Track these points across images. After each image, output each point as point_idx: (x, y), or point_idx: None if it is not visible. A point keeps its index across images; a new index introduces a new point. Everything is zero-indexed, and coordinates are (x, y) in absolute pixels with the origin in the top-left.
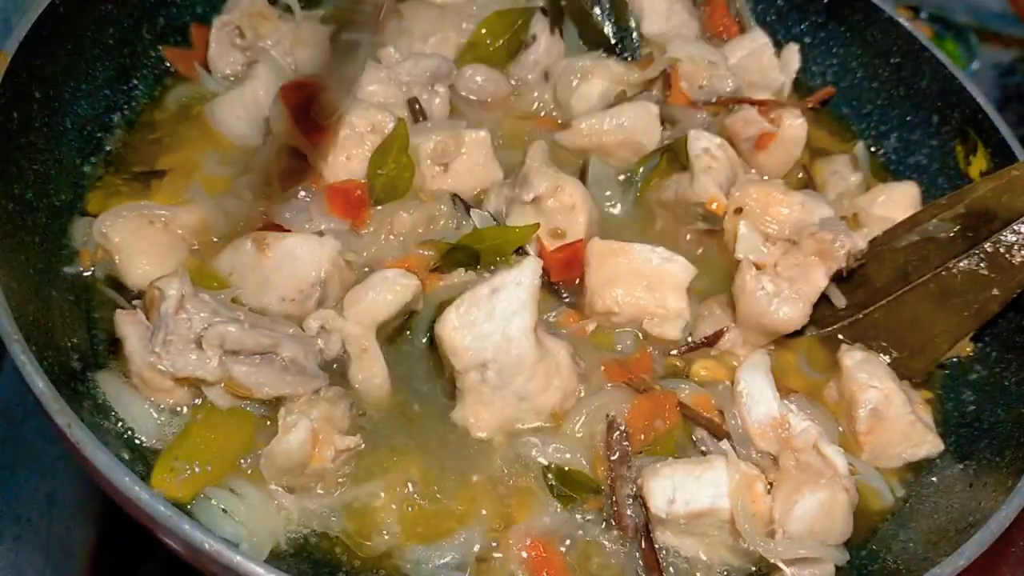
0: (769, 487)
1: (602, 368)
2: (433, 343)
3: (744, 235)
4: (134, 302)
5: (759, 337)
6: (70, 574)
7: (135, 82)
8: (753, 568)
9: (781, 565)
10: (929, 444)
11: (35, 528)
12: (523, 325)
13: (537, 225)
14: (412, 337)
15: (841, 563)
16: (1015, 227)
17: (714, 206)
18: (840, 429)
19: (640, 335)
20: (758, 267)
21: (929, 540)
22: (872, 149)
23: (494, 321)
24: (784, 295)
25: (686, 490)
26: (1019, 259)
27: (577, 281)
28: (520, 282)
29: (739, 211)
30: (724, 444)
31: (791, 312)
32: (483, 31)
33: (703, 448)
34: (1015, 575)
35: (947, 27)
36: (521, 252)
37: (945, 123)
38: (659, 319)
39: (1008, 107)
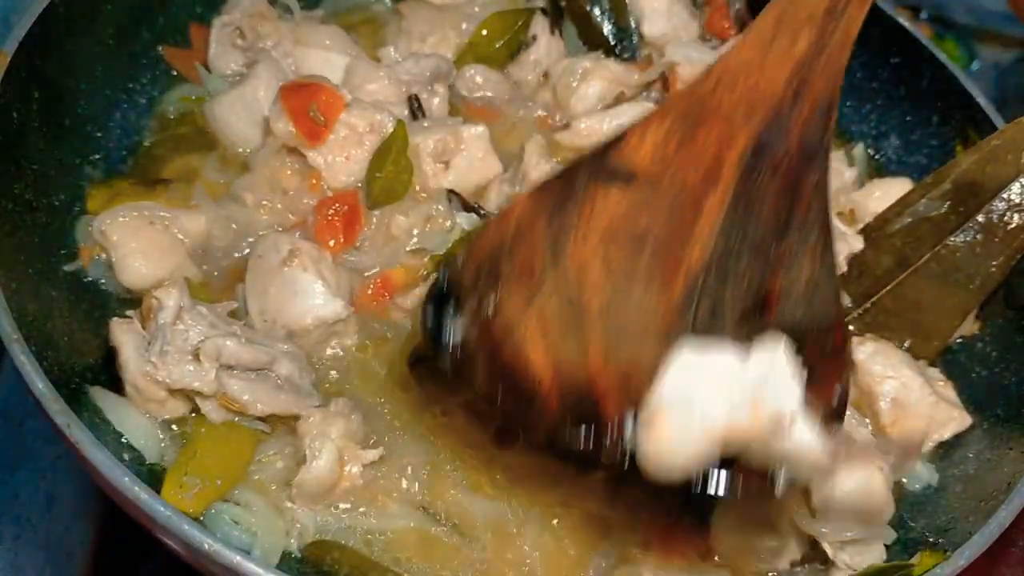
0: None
1: None
2: None
3: None
4: (128, 312)
5: None
6: (70, 574)
7: (135, 82)
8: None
9: (829, 551)
10: (956, 421)
11: (35, 528)
12: None
13: None
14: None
15: (889, 541)
16: (1003, 195)
17: None
18: (867, 423)
19: None
20: None
21: (969, 508)
22: (872, 149)
23: None
24: None
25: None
26: (1014, 225)
27: None
28: None
29: None
30: None
31: None
32: (483, 31)
33: None
34: (1015, 575)
35: (947, 27)
36: None
37: (945, 123)
38: None
39: (1008, 107)
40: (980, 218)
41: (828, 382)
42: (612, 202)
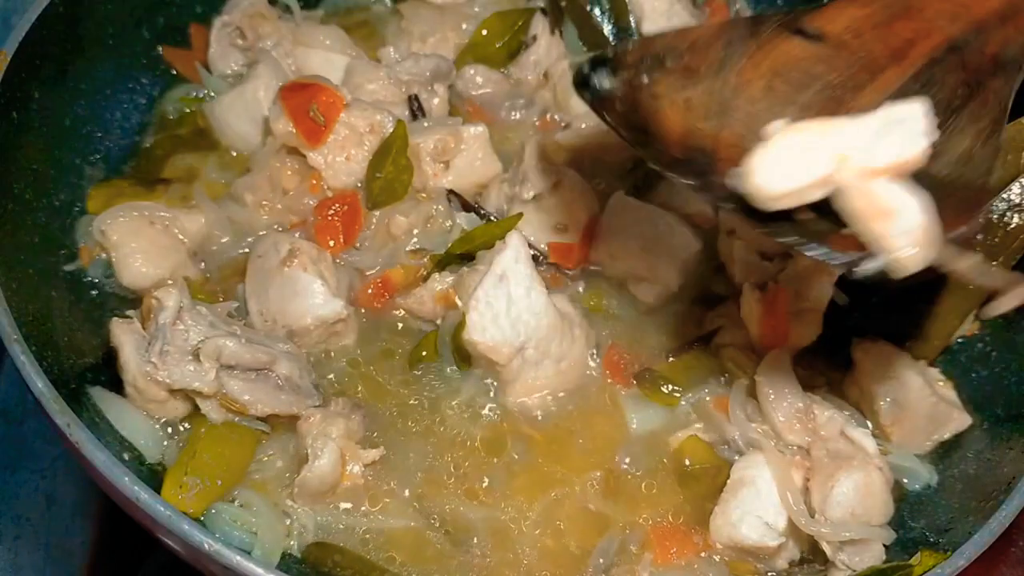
0: (806, 479)
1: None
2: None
3: (741, 260)
4: (128, 312)
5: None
6: (70, 574)
7: (135, 82)
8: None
9: (828, 551)
10: (955, 421)
11: (35, 528)
12: (542, 296)
13: (520, 215)
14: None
15: (888, 542)
16: (1003, 195)
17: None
18: (868, 424)
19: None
20: (760, 288)
21: (969, 508)
22: None
23: (516, 304)
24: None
25: (759, 512)
26: (1013, 225)
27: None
28: (518, 258)
29: (732, 232)
30: (754, 433)
31: (805, 329)
32: (483, 31)
33: (737, 448)
34: (1015, 575)
35: None
36: None
37: None
38: (641, 282)
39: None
40: (980, 218)
41: (952, 227)
42: (793, 47)
